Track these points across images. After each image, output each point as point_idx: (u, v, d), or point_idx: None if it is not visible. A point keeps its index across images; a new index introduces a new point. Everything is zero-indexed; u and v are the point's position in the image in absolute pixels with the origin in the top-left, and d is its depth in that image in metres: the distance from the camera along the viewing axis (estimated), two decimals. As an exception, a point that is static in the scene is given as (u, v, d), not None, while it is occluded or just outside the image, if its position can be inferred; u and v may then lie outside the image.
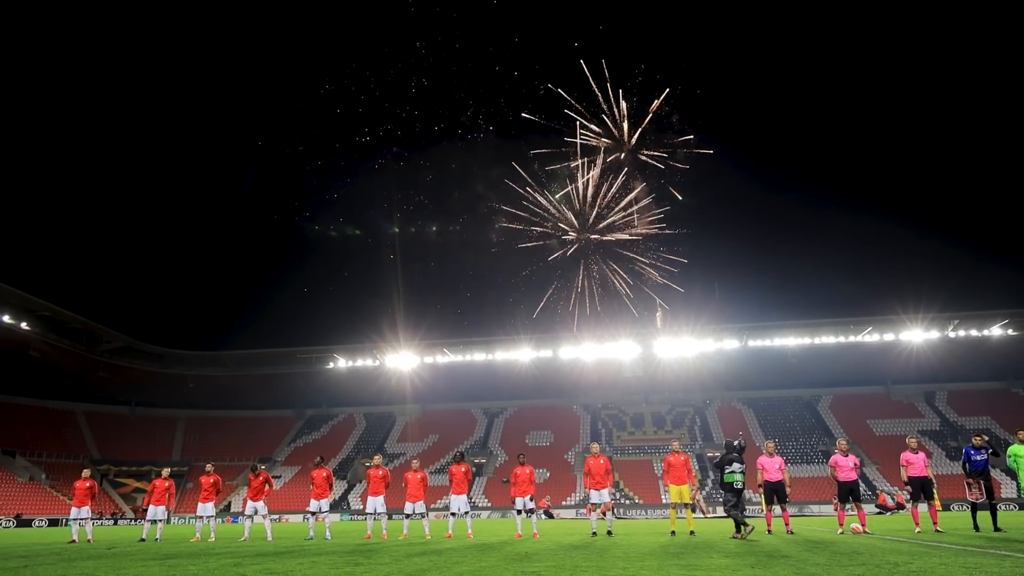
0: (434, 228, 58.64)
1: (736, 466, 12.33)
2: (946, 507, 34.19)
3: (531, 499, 14.77)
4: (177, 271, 69.61)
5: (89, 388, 65.52)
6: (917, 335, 56.64)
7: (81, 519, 17.18)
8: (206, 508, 17.04)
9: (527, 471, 14.83)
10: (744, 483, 12.49)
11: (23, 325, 52.67)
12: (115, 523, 52.20)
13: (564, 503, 52.20)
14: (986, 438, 14.48)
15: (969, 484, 13.68)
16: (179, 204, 70.46)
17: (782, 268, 63.62)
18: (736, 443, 12.88)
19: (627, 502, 52.06)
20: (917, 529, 13.75)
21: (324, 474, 16.58)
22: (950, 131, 59.68)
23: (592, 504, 14.49)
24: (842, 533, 13.69)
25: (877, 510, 35.51)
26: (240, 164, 73.23)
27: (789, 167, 65.11)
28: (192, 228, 72.07)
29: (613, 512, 14.59)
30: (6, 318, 51.34)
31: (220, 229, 74.29)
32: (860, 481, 14.58)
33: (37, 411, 63.37)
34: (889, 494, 41.04)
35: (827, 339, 59.61)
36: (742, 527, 12.08)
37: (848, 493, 13.88)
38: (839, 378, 65.66)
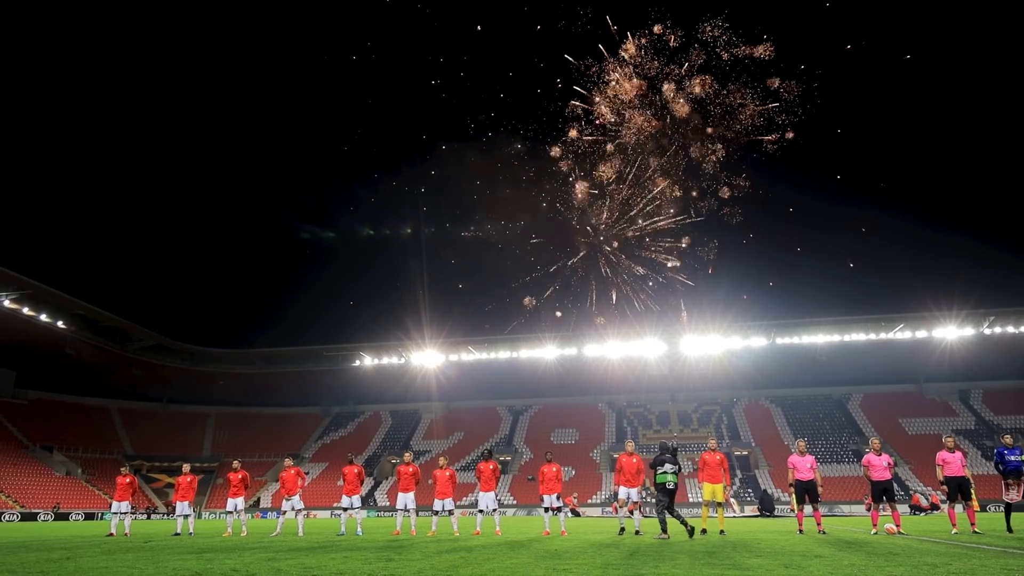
0: (459, 228, 58.82)
1: (668, 467, 12.45)
2: (982, 507, 33.41)
3: (558, 497, 14.85)
4: (208, 271, 70.93)
5: (122, 385, 67.00)
6: (951, 332, 55.33)
7: (121, 513, 17.68)
8: (236, 503, 17.39)
9: (554, 469, 14.92)
10: (676, 484, 12.54)
11: (59, 324, 54.01)
12: (148, 517, 53.32)
13: (590, 501, 52.07)
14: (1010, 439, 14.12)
15: (1008, 484, 13.37)
16: (211, 206, 71.77)
17: (811, 264, 62.53)
18: (671, 444, 13.07)
19: (653, 500, 51.78)
20: (954, 530, 13.49)
21: (355, 471, 16.90)
22: (985, 125, 58.18)
23: (619, 501, 14.48)
24: (876, 533, 13.50)
25: (911, 511, 34.88)
26: (271, 166, 74.25)
27: (819, 163, 63.94)
28: (223, 229, 73.33)
29: (640, 511, 14.57)
30: (43, 317, 52.69)
31: (250, 230, 75.56)
32: (894, 481, 14.36)
33: (73, 407, 65.02)
34: (923, 494, 40.25)
35: (857, 336, 58.48)
36: (682, 526, 12.32)
37: (882, 493, 13.70)
38: (870, 376, 64.38)
